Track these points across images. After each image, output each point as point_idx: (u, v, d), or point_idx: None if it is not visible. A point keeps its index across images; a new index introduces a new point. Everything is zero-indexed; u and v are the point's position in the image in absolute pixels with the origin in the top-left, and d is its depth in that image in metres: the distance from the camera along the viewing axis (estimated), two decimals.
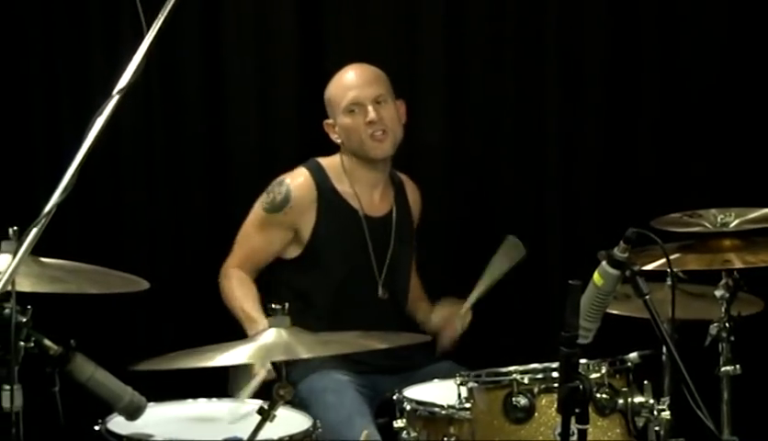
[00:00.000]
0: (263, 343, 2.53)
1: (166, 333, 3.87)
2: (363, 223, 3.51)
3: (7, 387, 2.18)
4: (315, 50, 3.99)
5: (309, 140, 3.84)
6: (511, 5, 4.02)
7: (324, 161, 3.54)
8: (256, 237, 3.49)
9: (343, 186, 3.52)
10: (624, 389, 2.77)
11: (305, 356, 2.55)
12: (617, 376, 2.78)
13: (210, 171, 4.02)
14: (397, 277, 3.55)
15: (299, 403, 2.95)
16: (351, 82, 3.50)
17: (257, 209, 3.50)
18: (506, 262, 3.48)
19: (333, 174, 3.52)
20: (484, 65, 4.05)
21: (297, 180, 3.48)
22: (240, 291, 3.43)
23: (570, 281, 2.33)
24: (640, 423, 2.76)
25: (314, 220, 3.46)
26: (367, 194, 3.54)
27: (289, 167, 3.56)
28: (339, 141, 3.52)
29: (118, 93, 2.33)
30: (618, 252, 2.45)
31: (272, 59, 4.02)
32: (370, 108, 3.44)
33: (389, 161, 3.54)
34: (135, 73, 2.35)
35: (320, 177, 3.50)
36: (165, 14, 2.39)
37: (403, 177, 3.68)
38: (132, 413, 2.44)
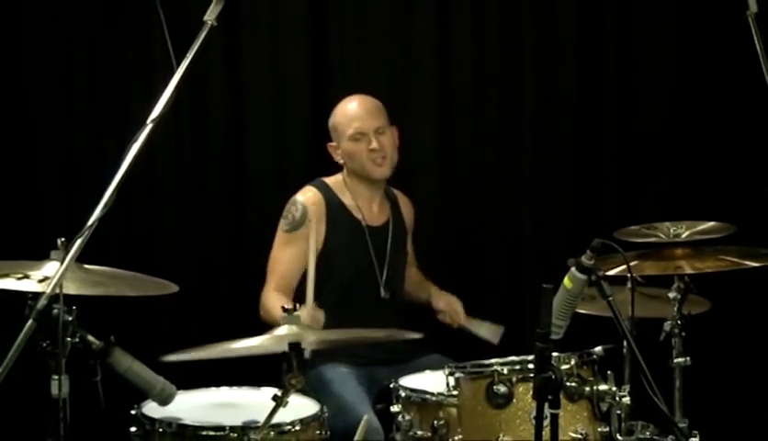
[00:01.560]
0: (277, 335, 2.53)
1: (193, 330, 3.85)
2: (365, 232, 3.49)
3: (56, 377, 2.18)
4: (322, 85, 3.99)
5: (315, 162, 3.84)
6: (492, 46, 4.03)
7: (328, 179, 3.53)
8: (286, 257, 3.40)
9: (346, 200, 3.50)
10: (590, 378, 2.76)
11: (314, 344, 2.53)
12: (585, 367, 2.76)
13: (232, 190, 4.01)
14: (395, 278, 3.53)
15: (307, 392, 2.94)
16: (355, 113, 3.48)
17: (281, 235, 3.44)
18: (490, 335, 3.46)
19: (336, 189, 3.51)
20: (470, 98, 4.05)
21: (308, 196, 3.47)
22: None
23: (543, 285, 2.33)
24: (604, 407, 2.74)
25: (325, 230, 3.45)
26: (367, 206, 3.53)
27: (299, 185, 3.55)
28: (341, 161, 3.51)
29: (151, 122, 2.34)
30: (585, 259, 2.45)
31: (285, 92, 4.01)
32: (372, 138, 3.43)
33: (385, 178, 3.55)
34: (166, 104, 2.36)
35: (326, 193, 3.49)
36: (193, 53, 2.40)
37: (397, 193, 3.67)
38: (164, 400, 2.44)
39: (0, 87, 3.82)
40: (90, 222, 2.23)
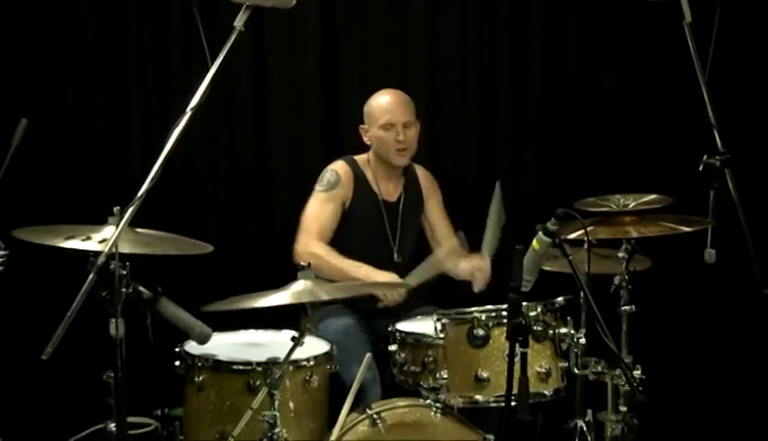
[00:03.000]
0: (295, 290, 2.53)
1: (226, 283, 3.86)
2: (381, 206, 3.45)
3: (114, 320, 2.18)
4: (333, 83, 3.97)
5: (327, 144, 3.86)
6: (474, 56, 4.01)
7: (356, 157, 3.48)
8: (324, 213, 3.31)
9: (369, 176, 3.45)
10: (553, 323, 2.78)
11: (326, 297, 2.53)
12: (549, 314, 2.78)
13: (257, 165, 3.99)
14: (404, 245, 3.47)
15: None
16: (388, 105, 3.40)
17: (317, 194, 3.34)
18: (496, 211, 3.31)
19: (362, 165, 3.45)
20: (454, 98, 4.04)
21: (339, 166, 3.41)
22: (342, 261, 3.20)
23: (516, 246, 2.33)
24: (564, 347, 2.77)
25: (351, 199, 3.40)
26: (384, 183, 3.47)
27: (314, 164, 3.54)
28: (369, 143, 3.45)
29: (190, 110, 2.33)
30: (550, 225, 2.45)
31: (302, 87, 3.98)
32: (400, 130, 3.37)
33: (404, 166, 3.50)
34: (203, 95, 2.35)
35: (354, 167, 3.43)
36: (224, 53, 2.38)
37: (418, 168, 3.60)
38: (202, 340, 2.45)
39: (70, 85, 3.82)
40: (140, 193, 2.23)
